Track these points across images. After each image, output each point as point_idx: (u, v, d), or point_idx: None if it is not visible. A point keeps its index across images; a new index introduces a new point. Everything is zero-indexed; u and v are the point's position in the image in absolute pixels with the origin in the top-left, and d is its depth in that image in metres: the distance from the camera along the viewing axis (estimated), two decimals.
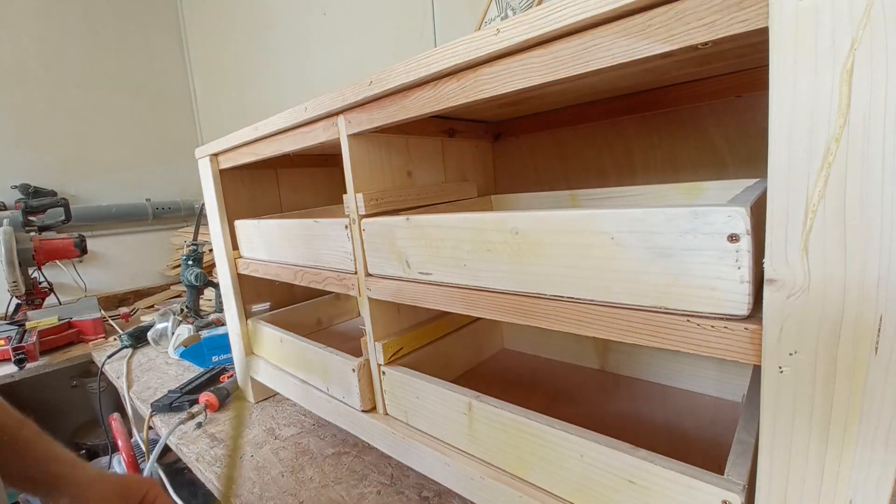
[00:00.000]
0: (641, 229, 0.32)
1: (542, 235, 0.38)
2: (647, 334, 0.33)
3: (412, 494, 0.61)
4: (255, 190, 0.91)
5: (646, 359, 0.68)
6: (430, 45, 1.13)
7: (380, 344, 0.59)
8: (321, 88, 0.57)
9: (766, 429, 0.28)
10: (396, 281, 0.53)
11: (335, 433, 0.78)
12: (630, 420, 0.59)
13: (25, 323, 1.48)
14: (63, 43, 1.88)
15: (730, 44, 0.28)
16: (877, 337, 0.24)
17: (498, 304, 0.43)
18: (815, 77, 0.23)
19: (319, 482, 0.66)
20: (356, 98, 0.50)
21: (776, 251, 0.26)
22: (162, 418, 0.91)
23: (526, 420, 0.43)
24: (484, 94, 0.40)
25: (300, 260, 0.69)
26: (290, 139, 0.65)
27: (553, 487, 0.43)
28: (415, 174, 0.65)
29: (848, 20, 0.22)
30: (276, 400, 0.92)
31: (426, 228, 0.48)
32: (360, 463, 0.70)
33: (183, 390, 0.96)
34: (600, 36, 0.32)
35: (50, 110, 1.85)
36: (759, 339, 0.28)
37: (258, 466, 0.71)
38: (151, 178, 2.13)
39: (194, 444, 0.80)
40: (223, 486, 0.66)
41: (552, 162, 0.75)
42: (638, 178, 0.66)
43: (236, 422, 0.84)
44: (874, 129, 0.22)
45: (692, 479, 0.33)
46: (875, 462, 0.25)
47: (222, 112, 2.14)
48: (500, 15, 0.91)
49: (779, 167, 0.25)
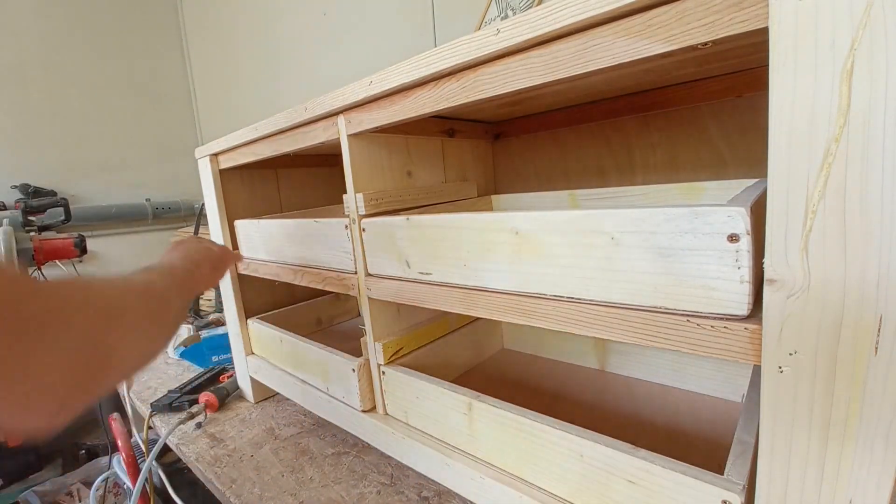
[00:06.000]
0: (641, 229, 0.32)
1: (542, 235, 0.38)
2: (647, 334, 0.33)
3: (412, 494, 0.61)
4: (254, 190, 0.91)
5: (646, 359, 0.68)
6: (430, 45, 1.13)
7: (380, 344, 0.59)
8: (321, 88, 0.57)
9: (766, 429, 0.28)
10: (396, 281, 0.53)
11: (335, 433, 0.78)
12: (630, 420, 0.59)
13: None
14: (63, 43, 1.87)
15: (730, 44, 0.28)
16: (877, 337, 0.24)
17: (498, 304, 0.43)
18: (815, 77, 0.23)
19: (319, 482, 0.66)
20: (356, 98, 0.50)
21: (776, 251, 0.26)
22: (162, 418, 0.91)
23: (526, 420, 0.43)
24: (484, 93, 0.40)
25: (300, 260, 0.69)
26: (290, 139, 0.65)
27: (553, 487, 0.43)
28: (415, 174, 0.65)
29: (848, 20, 0.22)
30: (276, 400, 0.92)
31: (426, 228, 0.48)
32: (360, 463, 0.70)
33: (183, 390, 0.96)
34: (600, 36, 0.32)
35: (50, 110, 1.85)
36: (759, 339, 0.28)
37: (258, 466, 0.71)
38: (151, 178, 2.13)
39: (194, 444, 0.80)
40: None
41: (552, 162, 0.75)
42: (638, 178, 0.66)
43: None
44: (874, 129, 0.22)
45: (692, 479, 0.33)
46: (875, 462, 0.25)
47: (222, 112, 2.14)
48: (500, 15, 0.91)
49: (779, 167, 0.25)
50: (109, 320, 0.32)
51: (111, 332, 0.31)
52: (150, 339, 0.38)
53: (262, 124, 0.67)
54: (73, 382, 0.28)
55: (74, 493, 1.35)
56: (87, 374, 0.29)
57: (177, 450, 0.81)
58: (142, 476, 0.76)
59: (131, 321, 0.34)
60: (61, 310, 0.28)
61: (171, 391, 0.97)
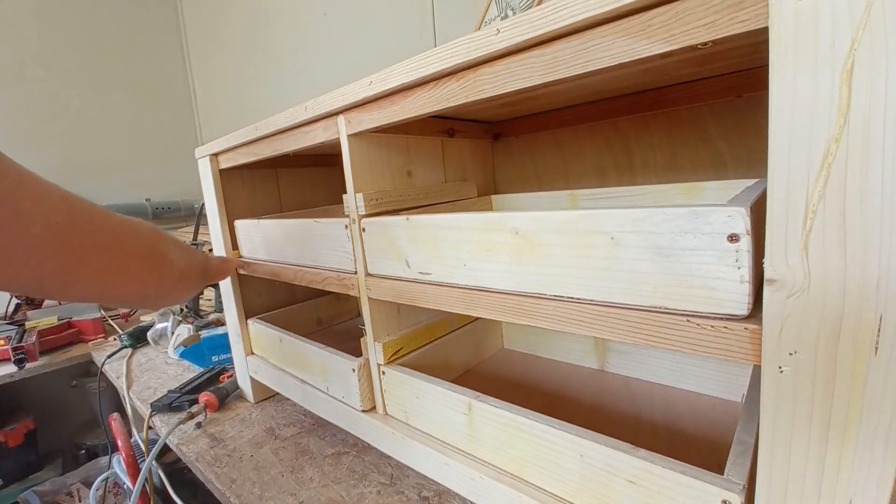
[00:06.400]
0: (641, 229, 0.32)
1: (542, 235, 0.38)
2: (647, 334, 0.33)
3: (412, 494, 0.61)
4: (254, 190, 0.91)
5: (646, 359, 0.68)
6: (430, 45, 1.13)
7: (380, 344, 0.59)
8: (321, 88, 0.57)
9: (766, 429, 0.28)
10: (396, 281, 0.53)
11: (335, 433, 0.78)
12: (630, 420, 0.59)
13: (25, 323, 1.48)
14: (63, 43, 1.88)
15: (730, 44, 0.28)
16: (877, 337, 0.24)
17: (498, 304, 0.43)
18: (815, 77, 0.23)
19: (319, 482, 0.66)
20: (356, 98, 0.50)
21: (776, 251, 0.26)
22: (162, 418, 0.91)
23: (526, 420, 0.43)
24: (484, 94, 0.40)
25: (300, 260, 0.69)
26: (290, 139, 0.65)
27: (553, 487, 0.43)
28: (415, 174, 0.65)
29: (848, 20, 0.22)
30: (276, 400, 0.92)
31: (426, 228, 0.48)
32: (360, 463, 0.70)
33: (183, 390, 0.96)
34: (600, 36, 0.32)
35: (50, 110, 1.85)
36: (759, 339, 0.28)
37: (258, 466, 0.71)
38: (151, 178, 2.13)
39: (194, 444, 0.80)
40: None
41: (552, 162, 0.75)
42: (638, 178, 0.66)
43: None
44: (874, 129, 0.22)
45: (692, 479, 0.33)
46: (875, 462, 0.25)
47: (222, 112, 2.14)
48: (500, 15, 0.91)
49: (779, 167, 0.25)
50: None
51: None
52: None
53: (262, 124, 0.67)
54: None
55: (74, 493, 1.35)
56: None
57: (177, 450, 0.81)
58: (142, 476, 0.76)
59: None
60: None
61: (171, 391, 0.97)
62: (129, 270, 0.43)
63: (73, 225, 0.37)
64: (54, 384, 1.62)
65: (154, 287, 0.46)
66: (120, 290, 0.42)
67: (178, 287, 0.52)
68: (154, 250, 0.46)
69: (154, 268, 0.46)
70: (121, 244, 0.42)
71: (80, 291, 0.40)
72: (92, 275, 0.39)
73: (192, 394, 0.94)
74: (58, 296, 0.41)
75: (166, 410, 0.92)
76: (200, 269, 0.59)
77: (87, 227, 0.38)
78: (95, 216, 0.40)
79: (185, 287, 0.55)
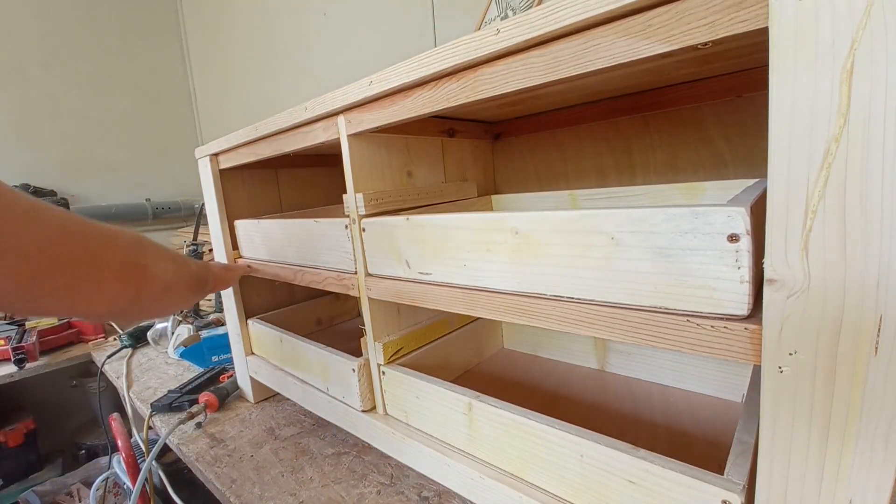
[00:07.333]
0: (641, 229, 0.32)
1: (542, 235, 0.38)
2: (647, 334, 0.33)
3: (412, 494, 0.61)
4: (255, 190, 0.91)
5: (646, 359, 0.68)
6: (430, 45, 1.13)
7: (380, 344, 0.59)
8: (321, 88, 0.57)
9: (766, 429, 0.28)
10: (396, 281, 0.53)
11: (335, 433, 0.78)
12: (630, 420, 0.59)
13: (25, 323, 1.48)
14: (63, 43, 1.88)
15: (730, 44, 0.28)
16: (877, 337, 0.24)
17: (498, 304, 0.43)
18: (815, 77, 0.23)
19: (319, 482, 0.66)
20: (356, 98, 0.50)
21: (776, 251, 0.26)
22: (162, 418, 0.91)
23: (526, 420, 0.43)
24: (484, 94, 0.40)
25: (300, 260, 0.69)
26: (290, 139, 0.65)
27: (553, 487, 0.43)
28: (415, 174, 0.65)
29: (848, 20, 0.22)
30: (276, 400, 0.92)
31: (426, 228, 0.48)
32: (360, 463, 0.70)
33: (183, 390, 0.96)
34: (600, 36, 0.32)
35: (50, 110, 1.85)
36: (759, 339, 0.28)
37: (258, 466, 0.71)
38: (151, 178, 2.13)
39: (194, 444, 0.80)
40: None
41: (552, 162, 0.75)
42: (638, 178, 0.66)
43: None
44: (874, 129, 0.22)
45: (692, 479, 0.33)
46: (875, 462, 0.25)
47: (222, 112, 2.14)
48: (500, 15, 0.91)
49: (779, 167, 0.25)
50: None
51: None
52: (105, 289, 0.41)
53: (263, 124, 0.67)
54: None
55: (74, 493, 1.35)
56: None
57: (177, 450, 0.81)
58: (142, 476, 0.76)
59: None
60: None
61: (170, 391, 0.97)
62: (102, 284, 0.40)
63: (39, 236, 0.34)
64: (54, 384, 1.62)
65: (129, 301, 0.43)
66: (90, 304, 0.40)
67: (163, 300, 0.49)
68: (132, 262, 0.43)
69: (130, 280, 0.43)
70: (91, 256, 0.39)
71: (46, 307, 0.37)
72: (59, 289, 0.36)
73: (192, 394, 0.94)
74: (22, 312, 0.39)
75: (166, 410, 0.92)
76: (194, 280, 0.56)
77: (54, 237, 0.36)
78: (66, 225, 0.37)
79: (172, 300, 0.52)
